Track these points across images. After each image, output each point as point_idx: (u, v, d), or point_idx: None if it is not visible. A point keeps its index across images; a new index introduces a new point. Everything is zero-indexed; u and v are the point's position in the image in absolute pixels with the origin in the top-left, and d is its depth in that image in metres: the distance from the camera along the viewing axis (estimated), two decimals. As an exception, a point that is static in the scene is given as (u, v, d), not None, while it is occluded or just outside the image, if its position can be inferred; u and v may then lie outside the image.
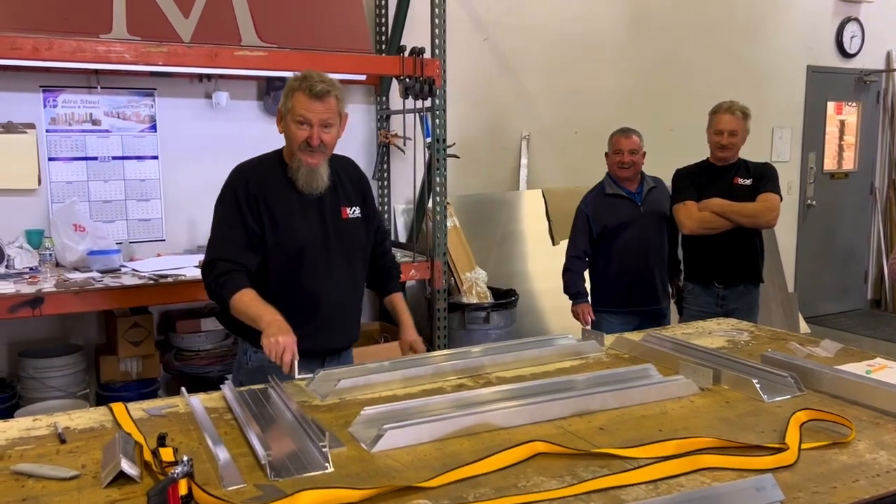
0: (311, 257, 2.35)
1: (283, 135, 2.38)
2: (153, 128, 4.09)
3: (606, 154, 3.83)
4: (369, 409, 1.79)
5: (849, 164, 7.33)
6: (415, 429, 1.70)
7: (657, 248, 3.77)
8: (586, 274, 3.84)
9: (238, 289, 2.21)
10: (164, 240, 4.16)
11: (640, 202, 3.75)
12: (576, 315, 3.77)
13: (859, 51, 6.99)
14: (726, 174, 3.66)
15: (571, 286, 3.78)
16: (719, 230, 3.57)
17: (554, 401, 1.87)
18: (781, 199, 3.63)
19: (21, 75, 3.71)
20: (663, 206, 3.78)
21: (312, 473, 1.53)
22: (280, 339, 2.04)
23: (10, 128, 3.73)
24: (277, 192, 2.34)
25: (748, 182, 3.62)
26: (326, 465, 1.55)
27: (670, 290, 3.89)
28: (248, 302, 2.19)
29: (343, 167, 2.51)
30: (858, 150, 7.32)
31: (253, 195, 2.31)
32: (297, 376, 2.05)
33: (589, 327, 3.71)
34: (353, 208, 2.46)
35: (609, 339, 2.56)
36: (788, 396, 2.00)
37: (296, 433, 1.70)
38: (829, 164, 7.18)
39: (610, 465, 1.56)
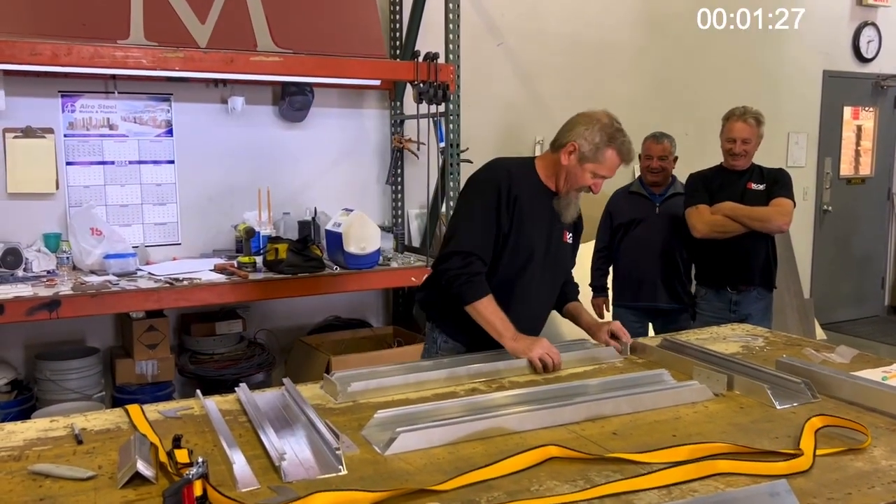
0: (531, 269, 2.44)
1: (557, 160, 2.41)
2: (169, 132, 4.12)
3: (640, 156, 3.88)
4: (382, 412, 1.80)
5: (865, 169, 7.27)
6: (427, 432, 1.70)
7: (665, 250, 3.83)
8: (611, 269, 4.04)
9: (486, 293, 2.30)
10: (179, 243, 4.19)
11: (658, 202, 3.86)
12: (594, 307, 3.96)
13: (876, 55, 6.94)
14: (740, 179, 3.66)
15: (592, 279, 4.01)
16: (731, 234, 3.57)
17: (567, 405, 1.87)
18: (795, 204, 3.62)
19: (40, 81, 3.76)
20: (680, 211, 3.80)
21: (326, 476, 1.53)
22: (548, 353, 2.24)
23: (28, 132, 3.77)
24: (529, 199, 2.40)
25: (761, 187, 3.62)
26: (340, 467, 1.56)
27: (682, 295, 3.91)
28: (493, 311, 2.29)
29: None
30: (875, 156, 7.27)
31: (514, 196, 2.37)
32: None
33: (604, 319, 3.87)
34: (570, 234, 2.56)
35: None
36: (800, 403, 1.98)
37: (309, 435, 1.71)
38: (846, 169, 7.13)
39: (623, 470, 1.56)
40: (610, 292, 4.06)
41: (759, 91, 6.06)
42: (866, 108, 7.17)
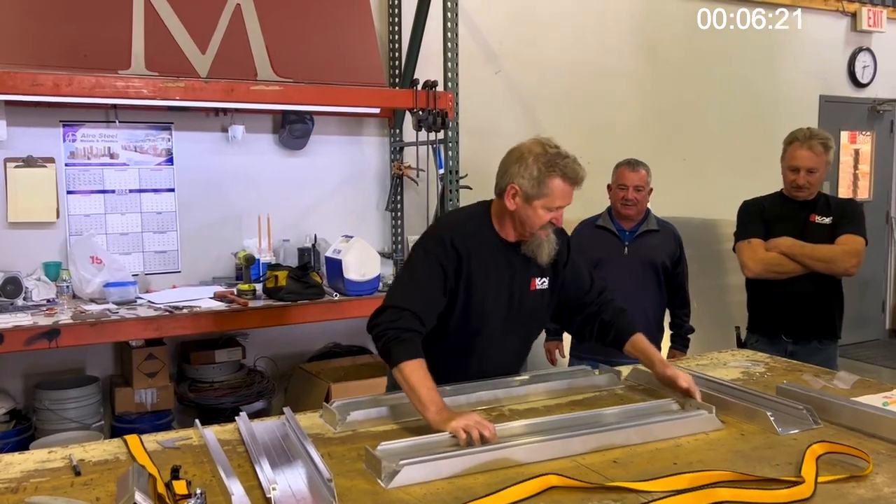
0: (490, 324, 2.29)
1: (505, 206, 2.23)
2: (170, 161, 4.14)
3: (609, 186, 3.56)
4: (385, 445, 1.78)
5: (864, 193, 7.29)
6: (432, 465, 1.68)
7: (632, 298, 3.24)
8: None
9: (413, 356, 2.03)
10: (179, 271, 4.20)
11: (627, 241, 3.47)
12: (546, 352, 3.72)
13: (872, 80, 6.99)
14: (802, 210, 3.25)
15: None
16: (788, 275, 3.18)
17: (574, 436, 1.84)
18: (867, 242, 3.22)
19: (41, 111, 3.78)
20: (655, 256, 3.46)
21: (324, 507, 1.53)
22: (477, 425, 1.82)
23: (30, 162, 3.79)
24: (481, 255, 2.24)
25: (827, 220, 3.20)
26: (332, 500, 1.54)
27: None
28: (420, 378, 1.99)
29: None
30: (873, 180, 7.29)
31: (463, 254, 2.21)
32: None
33: (556, 364, 3.67)
34: (543, 279, 2.36)
35: (625, 370, 2.54)
36: (802, 429, 1.97)
37: (306, 466, 1.70)
38: (844, 193, 7.14)
39: (624, 499, 1.55)
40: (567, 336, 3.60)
41: (756, 116, 6.10)
42: (863, 133, 7.21)
